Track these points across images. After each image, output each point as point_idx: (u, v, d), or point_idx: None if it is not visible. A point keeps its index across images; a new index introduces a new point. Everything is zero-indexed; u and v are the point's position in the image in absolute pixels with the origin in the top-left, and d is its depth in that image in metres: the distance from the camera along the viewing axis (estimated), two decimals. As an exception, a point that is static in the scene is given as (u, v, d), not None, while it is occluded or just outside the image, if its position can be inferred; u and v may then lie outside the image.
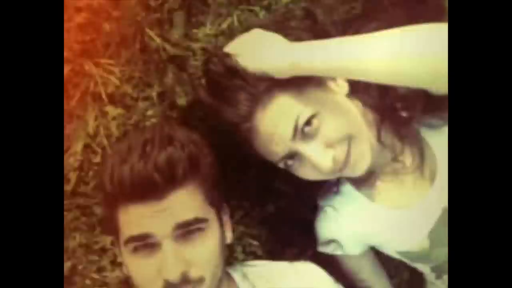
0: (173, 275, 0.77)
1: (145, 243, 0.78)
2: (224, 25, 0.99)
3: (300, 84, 0.83)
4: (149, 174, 0.76)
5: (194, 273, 0.79)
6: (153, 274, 0.79)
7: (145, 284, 0.80)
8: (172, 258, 0.77)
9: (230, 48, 0.86)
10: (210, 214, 0.82)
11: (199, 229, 0.80)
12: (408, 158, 0.94)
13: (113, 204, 0.80)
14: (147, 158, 0.76)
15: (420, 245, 0.94)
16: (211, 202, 0.83)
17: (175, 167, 0.77)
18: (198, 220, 0.80)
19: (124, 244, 0.80)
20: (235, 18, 0.99)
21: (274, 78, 0.81)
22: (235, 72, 0.83)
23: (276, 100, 0.83)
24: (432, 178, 0.93)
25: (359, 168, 0.88)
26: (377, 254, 1.06)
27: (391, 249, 0.98)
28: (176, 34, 0.97)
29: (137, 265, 0.80)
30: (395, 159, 0.93)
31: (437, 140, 0.94)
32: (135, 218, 0.78)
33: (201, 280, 0.80)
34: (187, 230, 0.79)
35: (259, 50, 0.83)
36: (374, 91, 0.90)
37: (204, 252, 0.80)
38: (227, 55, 0.84)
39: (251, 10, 1.01)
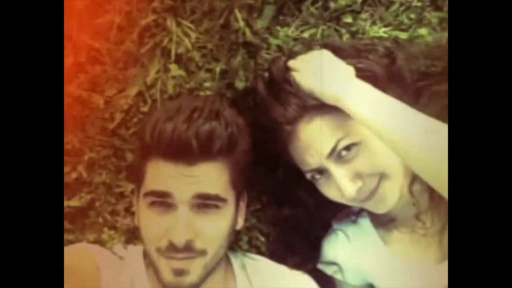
0: (179, 239, 0.79)
1: (163, 201, 0.81)
2: (306, 34, 1.00)
3: None
4: (188, 139, 0.78)
5: (198, 244, 0.81)
6: (161, 232, 0.81)
7: (150, 239, 0.83)
8: (183, 223, 0.79)
9: (296, 61, 0.88)
10: (229, 195, 0.84)
11: (216, 206, 0.82)
12: (429, 220, 0.92)
13: (146, 155, 0.82)
14: (191, 124, 0.78)
15: None
16: (234, 185, 0.84)
17: (214, 141, 0.79)
18: (218, 198, 0.81)
19: (144, 196, 0.83)
20: (319, 30, 1.00)
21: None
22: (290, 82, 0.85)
23: (325, 117, 0.84)
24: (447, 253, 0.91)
25: (382, 206, 0.88)
26: None
27: None
28: (260, 24, 0.98)
29: (149, 219, 0.83)
30: (417, 216, 0.92)
31: None
32: (161, 175, 0.81)
33: (203, 253, 0.81)
34: (205, 203, 0.81)
35: (321, 70, 0.84)
36: None
37: (214, 228, 0.82)
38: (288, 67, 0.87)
39: (337, 30, 1.01)
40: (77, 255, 0.86)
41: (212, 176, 0.81)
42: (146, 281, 0.89)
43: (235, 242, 1.06)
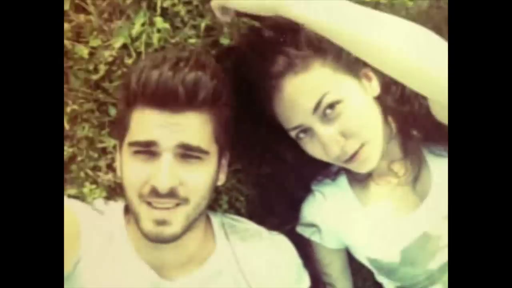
0: (162, 185, 0.77)
1: (147, 150, 0.78)
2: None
3: (338, 65, 0.82)
4: (175, 85, 0.76)
5: (182, 192, 0.79)
6: (144, 179, 0.79)
7: (132, 185, 0.80)
8: (167, 170, 0.77)
9: None
10: (212, 149, 0.82)
11: (198, 158, 0.80)
12: (401, 170, 0.91)
13: (131, 104, 0.80)
14: (178, 72, 0.77)
15: (390, 257, 0.90)
16: (217, 139, 0.83)
17: (199, 89, 0.78)
18: (200, 150, 0.79)
19: (128, 145, 0.80)
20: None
21: (317, 47, 0.80)
22: (282, 28, 0.82)
23: (310, 71, 0.82)
24: (422, 198, 0.89)
25: (364, 167, 0.87)
26: (349, 258, 1.02)
27: (363, 253, 0.95)
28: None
29: (132, 167, 0.80)
30: (390, 166, 0.91)
31: (438, 166, 0.90)
32: (146, 123, 0.78)
33: (186, 200, 0.79)
34: (188, 153, 0.79)
35: None
36: (395, 102, 0.88)
37: (197, 178, 0.80)
38: None
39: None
40: None
41: (196, 127, 0.79)
42: (126, 236, 0.87)
43: (215, 202, 1.03)
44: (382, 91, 0.87)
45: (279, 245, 0.95)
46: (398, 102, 0.88)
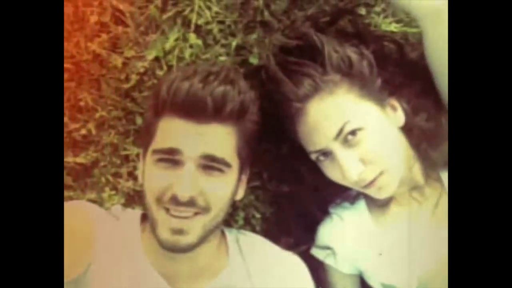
0: (183, 193, 0.77)
1: (170, 158, 0.79)
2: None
3: (363, 92, 0.84)
4: (204, 96, 0.77)
5: (201, 201, 0.79)
6: (165, 186, 0.79)
7: (153, 192, 0.80)
8: (189, 179, 0.77)
9: None
10: (234, 162, 0.83)
11: (220, 170, 0.80)
12: (422, 197, 0.92)
13: (160, 112, 0.81)
14: (207, 84, 0.78)
15: (407, 284, 0.87)
16: (239, 153, 0.83)
17: (226, 102, 0.79)
18: (223, 162, 0.80)
19: (152, 153, 0.81)
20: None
21: (344, 72, 0.82)
22: (311, 51, 0.84)
23: (335, 96, 0.83)
24: (441, 224, 0.89)
25: (381, 193, 0.87)
26: (362, 285, 1.00)
27: (377, 278, 0.93)
28: (278, 5, 0.97)
29: (154, 174, 0.81)
30: (410, 193, 0.91)
31: None
32: (172, 132, 0.79)
33: (205, 210, 0.80)
34: (210, 165, 0.79)
35: None
36: (423, 121, 0.89)
37: (217, 189, 0.80)
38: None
39: (351, 21, 0.99)
40: (73, 213, 0.83)
41: (221, 139, 0.80)
42: (140, 244, 0.86)
43: (231, 217, 1.03)
44: (410, 114, 0.88)
45: (292, 265, 0.93)
46: (426, 122, 0.89)
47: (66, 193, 1.01)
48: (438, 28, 0.82)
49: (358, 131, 0.82)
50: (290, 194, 0.99)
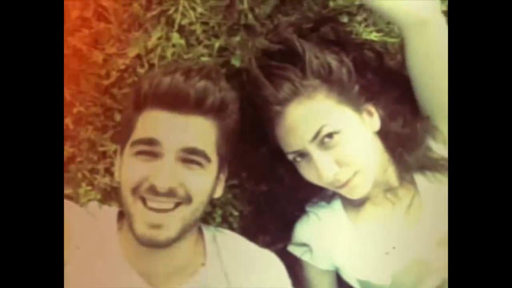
0: (162, 184, 0.77)
1: (149, 150, 0.79)
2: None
3: (341, 97, 0.86)
4: (186, 88, 0.79)
5: (181, 192, 0.79)
6: (142, 177, 0.79)
7: (130, 184, 0.79)
8: (168, 170, 0.77)
9: None
10: (214, 158, 0.83)
11: (200, 164, 0.81)
12: (395, 198, 0.95)
13: (141, 107, 0.81)
14: (189, 78, 0.79)
15: (381, 279, 0.92)
16: (219, 149, 0.84)
17: (208, 95, 0.80)
18: (204, 155, 0.81)
19: (131, 145, 0.81)
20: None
21: (323, 78, 0.85)
22: (292, 56, 0.86)
23: (313, 101, 0.85)
24: (414, 224, 0.93)
25: (355, 193, 0.90)
26: (338, 281, 1.03)
27: (353, 274, 0.97)
28: (263, 9, 0.98)
29: (132, 166, 0.80)
30: (386, 193, 0.95)
31: (429, 193, 0.94)
32: (153, 123, 0.80)
33: (188, 199, 0.80)
34: (191, 158, 0.80)
35: None
36: (399, 127, 0.92)
37: (197, 182, 0.81)
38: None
39: (333, 28, 1.01)
40: None
41: (202, 131, 0.81)
42: (117, 242, 0.86)
43: (209, 215, 1.04)
44: (386, 120, 0.92)
45: (269, 263, 0.95)
46: (401, 127, 0.93)
47: (40, 188, 1.00)
48: (422, 38, 0.85)
49: (335, 134, 0.85)
50: (268, 193, 1.02)
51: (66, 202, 0.87)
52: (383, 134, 0.93)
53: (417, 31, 0.85)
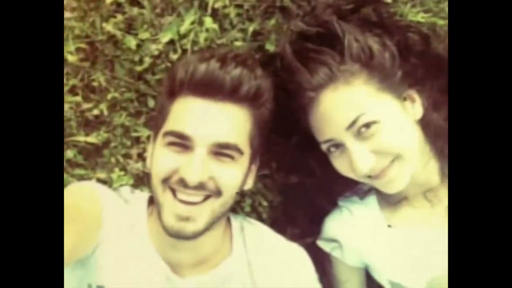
0: (192, 178, 0.76)
1: (181, 143, 0.78)
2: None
3: (383, 84, 0.81)
4: (221, 75, 0.77)
5: (211, 185, 0.78)
6: (173, 169, 0.78)
7: (160, 174, 0.79)
8: (199, 164, 0.76)
9: None
10: (246, 151, 0.81)
11: (232, 158, 0.79)
12: (436, 198, 0.88)
13: (175, 93, 0.80)
14: (224, 65, 0.78)
15: (415, 284, 0.84)
16: (251, 141, 0.82)
17: (243, 83, 0.78)
18: (236, 148, 0.79)
19: (163, 135, 0.80)
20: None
21: (363, 63, 0.80)
22: (331, 39, 0.81)
23: (351, 87, 0.80)
24: None
25: (393, 186, 0.84)
26: (369, 280, 0.99)
27: (385, 275, 0.92)
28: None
29: (163, 156, 0.80)
30: (425, 194, 0.89)
31: None
32: (187, 113, 0.78)
33: (218, 193, 0.79)
34: (222, 152, 0.78)
35: None
36: (443, 120, 0.86)
37: (228, 175, 0.79)
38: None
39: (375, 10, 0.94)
40: (82, 193, 0.83)
41: (236, 122, 0.79)
42: (146, 227, 0.86)
43: (238, 204, 1.02)
44: (430, 110, 0.85)
45: (296, 257, 0.93)
46: (445, 120, 0.86)
47: (77, 171, 1.02)
48: None
49: (373, 124, 0.80)
50: (299, 185, 0.98)
51: (98, 186, 0.88)
52: (424, 124, 0.87)
53: None
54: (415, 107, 0.85)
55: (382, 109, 0.80)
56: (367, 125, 0.79)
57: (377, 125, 0.79)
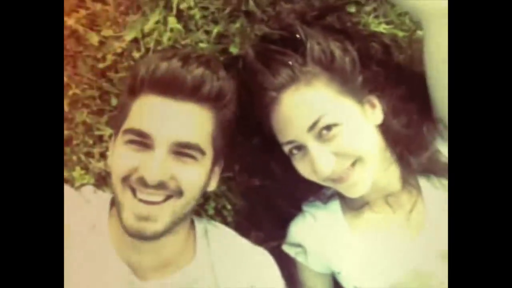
0: (151, 177, 0.75)
1: (141, 141, 0.77)
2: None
3: (343, 87, 0.82)
4: (183, 74, 0.76)
5: (172, 185, 0.77)
6: (133, 167, 0.77)
7: (120, 173, 0.78)
8: (159, 163, 0.75)
9: None
10: (208, 152, 0.81)
11: (193, 158, 0.79)
12: (397, 204, 0.90)
13: (136, 92, 0.79)
14: (187, 64, 0.77)
15: None
16: (214, 141, 0.82)
17: (205, 83, 0.78)
18: (198, 148, 0.78)
19: (123, 132, 0.79)
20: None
21: (325, 66, 0.80)
22: (293, 42, 0.82)
23: (312, 89, 0.81)
24: (416, 232, 0.88)
25: (354, 191, 0.85)
26: (335, 285, 0.99)
27: (351, 281, 0.92)
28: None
29: (122, 154, 0.78)
30: (386, 199, 0.89)
31: (434, 199, 0.88)
32: (146, 112, 0.77)
33: (179, 193, 0.78)
34: (183, 152, 0.77)
35: None
36: (401, 127, 0.87)
37: (189, 176, 0.78)
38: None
39: (339, 18, 0.95)
40: None
41: (197, 122, 0.78)
42: (107, 229, 0.85)
43: (201, 207, 1.01)
44: (389, 116, 0.87)
45: (261, 261, 0.92)
46: (404, 127, 0.87)
47: (36, 169, 0.99)
48: (446, 32, 0.78)
49: (334, 126, 0.80)
50: (261, 188, 0.98)
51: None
52: (384, 130, 0.88)
53: (441, 24, 0.78)
54: (375, 113, 0.86)
55: (343, 112, 0.81)
56: (328, 127, 0.80)
57: (338, 128, 0.80)
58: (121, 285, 0.82)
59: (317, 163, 0.81)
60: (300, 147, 0.83)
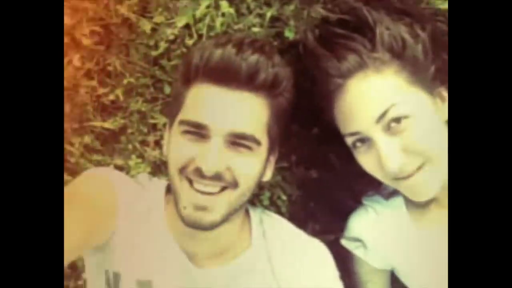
0: (208, 168, 0.74)
1: (197, 132, 0.76)
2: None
3: (414, 77, 0.75)
4: (237, 62, 0.74)
5: (228, 176, 0.76)
6: (189, 158, 0.76)
7: (176, 163, 0.77)
8: (215, 154, 0.74)
9: None
10: (264, 141, 0.79)
11: (249, 148, 0.77)
12: None
13: (191, 80, 0.78)
14: (241, 51, 0.75)
15: None
16: (269, 131, 0.79)
17: (260, 71, 0.75)
18: (253, 139, 0.76)
19: (179, 123, 0.78)
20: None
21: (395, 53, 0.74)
22: (359, 27, 0.75)
23: (382, 76, 0.74)
24: None
25: (420, 194, 0.78)
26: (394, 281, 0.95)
27: (413, 279, 0.88)
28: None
29: (179, 145, 0.78)
30: None
31: None
32: (202, 102, 0.76)
33: (235, 184, 0.77)
34: (239, 142, 0.76)
35: None
36: None
37: (245, 166, 0.77)
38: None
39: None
40: (96, 181, 0.81)
41: (252, 112, 0.76)
42: (163, 215, 0.85)
43: (256, 197, 0.99)
44: None
45: (317, 253, 0.89)
46: None
47: (94, 157, 1.02)
48: None
49: (403, 118, 0.74)
50: (319, 180, 0.94)
51: (115, 173, 0.87)
52: None
53: None
54: (445, 106, 0.78)
55: (414, 104, 0.74)
56: (398, 120, 0.73)
57: (408, 120, 0.73)
58: (177, 271, 0.82)
59: (384, 157, 0.74)
60: (365, 140, 0.77)
